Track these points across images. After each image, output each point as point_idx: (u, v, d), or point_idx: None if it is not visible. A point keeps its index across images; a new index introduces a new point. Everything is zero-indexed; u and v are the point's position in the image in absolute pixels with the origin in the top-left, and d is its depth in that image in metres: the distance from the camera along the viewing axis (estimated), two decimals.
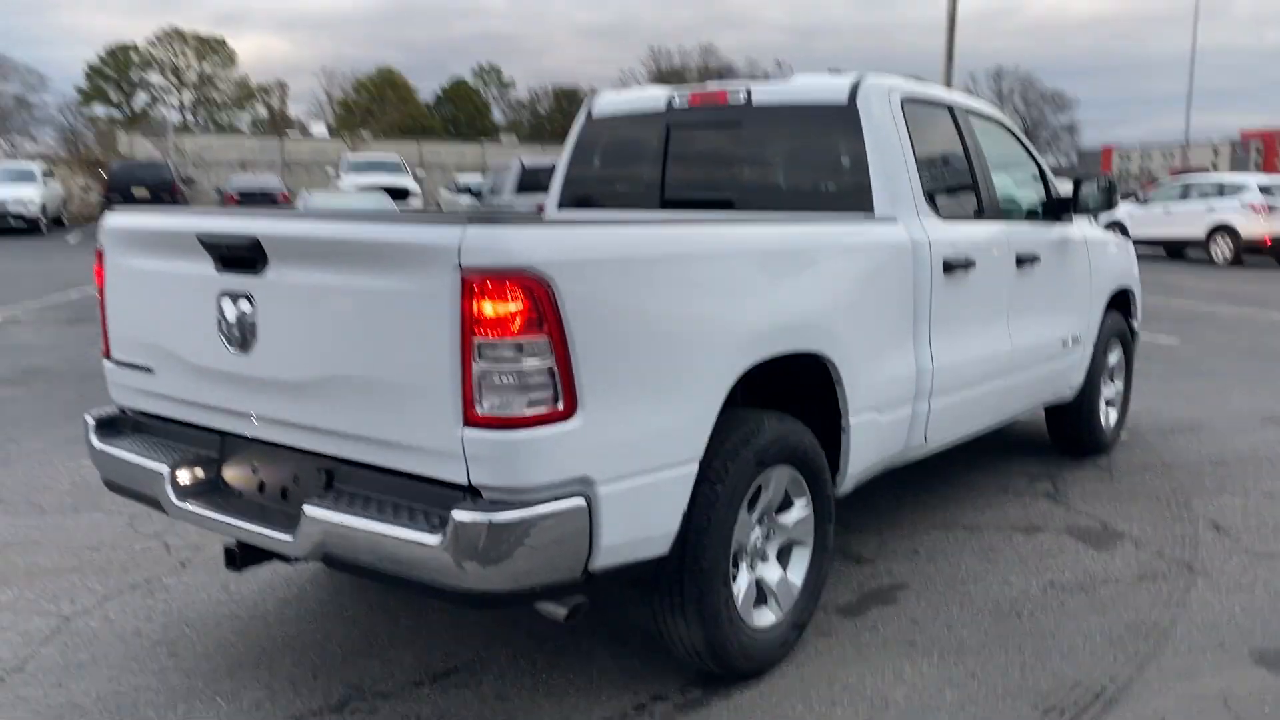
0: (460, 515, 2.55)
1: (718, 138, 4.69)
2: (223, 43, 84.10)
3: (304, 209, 16.32)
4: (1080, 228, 5.66)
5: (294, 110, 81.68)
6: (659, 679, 3.37)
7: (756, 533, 3.45)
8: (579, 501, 2.68)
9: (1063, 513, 5.13)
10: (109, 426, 3.57)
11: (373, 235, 2.70)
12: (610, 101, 5.06)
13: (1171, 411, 7.42)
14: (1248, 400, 7.86)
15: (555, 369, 2.60)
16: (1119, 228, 23.31)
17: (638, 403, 2.82)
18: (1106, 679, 3.42)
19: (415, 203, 26.15)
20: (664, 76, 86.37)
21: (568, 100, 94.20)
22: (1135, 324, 6.50)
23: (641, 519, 2.89)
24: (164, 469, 3.21)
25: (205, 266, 3.06)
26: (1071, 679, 3.42)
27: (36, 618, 3.84)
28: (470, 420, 2.57)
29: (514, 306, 2.54)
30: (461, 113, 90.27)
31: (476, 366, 2.54)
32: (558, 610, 2.87)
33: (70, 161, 32.77)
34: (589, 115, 5.07)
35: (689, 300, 2.95)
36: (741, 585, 3.34)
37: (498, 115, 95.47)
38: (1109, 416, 6.24)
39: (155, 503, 3.26)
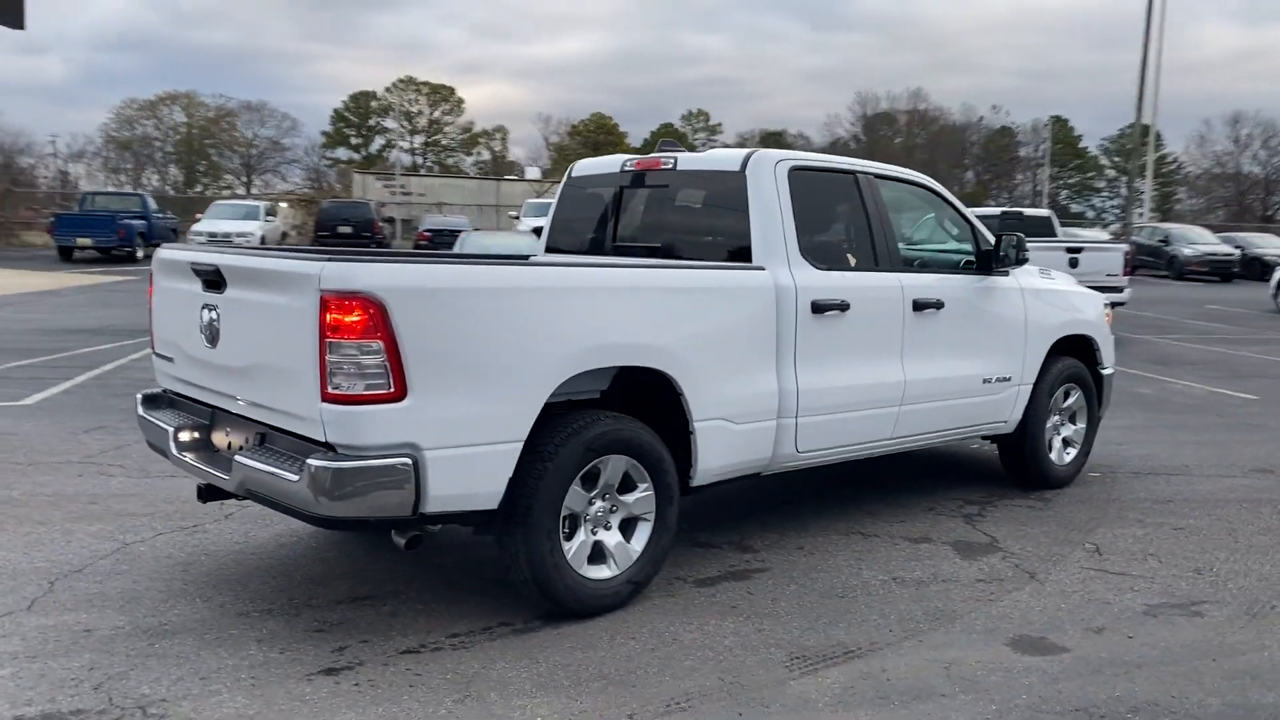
0: (313, 462, 3.70)
1: (653, 196, 5.71)
2: (452, 90, 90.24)
3: (464, 244, 18.15)
4: (1019, 279, 6.31)
5: (515, 154, 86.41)
6: (512, 611, 4.39)
7: (599, 505, 4.43)
8: (405, 460, 3.77)
9: (965, 530, 5.79)
10: (151, 401, 4.93)
11: (275, 266, 3.91)
12: (585, 165, 6.17)
13: (1173, 457, 7.76)
14: (1260, 452, 8.05)
15: (387, 364, 3.71)
16: None
17: (461, 393, 3.89)
18: (866, 643, 4.19)
19: None
20: (870, 122, 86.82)
21: (773, 144, 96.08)
22: (1103, 370, 7.00)
23: (466, 479, 3.94)
24: (170, 429, 4.52)
25: (196, 286, 4.36)
26: (838, 641, 4.21)
27: (108, 542, 5.23)
28: (326, 397, 3.71)
29: (355, 318, 3.67)
30: None
31: (329, 359, 3.68)
32: (400, 539, 3.97)
33: (294, 199, 36.66)
34: (569, 176, 6.19)
35: (503, 322, 3.99)
36: (576, 543, 4.33)
37: None
38: (1063, 453, 6.78)
39: (165, 454, 4.58)
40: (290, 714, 3.48)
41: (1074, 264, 16.16)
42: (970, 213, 6.25)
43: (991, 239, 6.23)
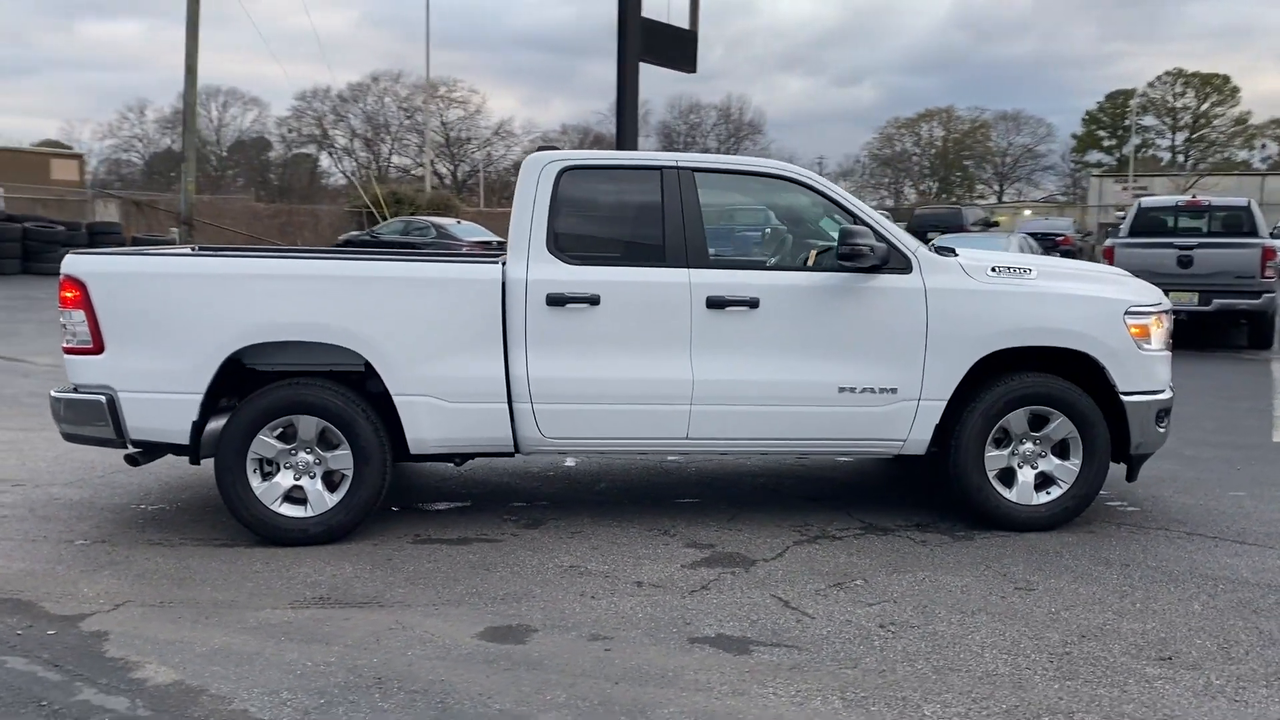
0: (51, 393, 5.36)
1: None
2: (1226, 79, 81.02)
3: None
4: (927, 278, 5.47)
5: None
6: (240, 533, 5.52)
7: (303, 457, 5.37)
8: (101, 398, 5.23)
9: (765, 549, 5.31)
10: None
11: None
12: None
13: None
14: None
15: (89, 328, 5.22)
16: None
17: (146, 352, 5.21)
18: (380, 600, 4.58)
19: None
20: None
21: None
22: (1126, 395, 5.55)
23: (154, 418, 5.26)
24: None
25: None
26: (370, 595, 4.65)
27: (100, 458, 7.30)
28: (64, 350, 5.34)
29: (71, 294, 5.24)
30: None
31: (61, 322, 5.31)
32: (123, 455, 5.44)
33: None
34: None
35: (176, 300, 5.19)
36: (268, 483, 5.33)
37: None
38: (1035, 492, 5.60)
39: None
40: (11, 558, 5.17)
41: None
42: (864, 209, 5.59)
43: (902, 239, 5.55)
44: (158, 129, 67.72)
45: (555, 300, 5.33)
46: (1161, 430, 5.73)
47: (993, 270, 5.60)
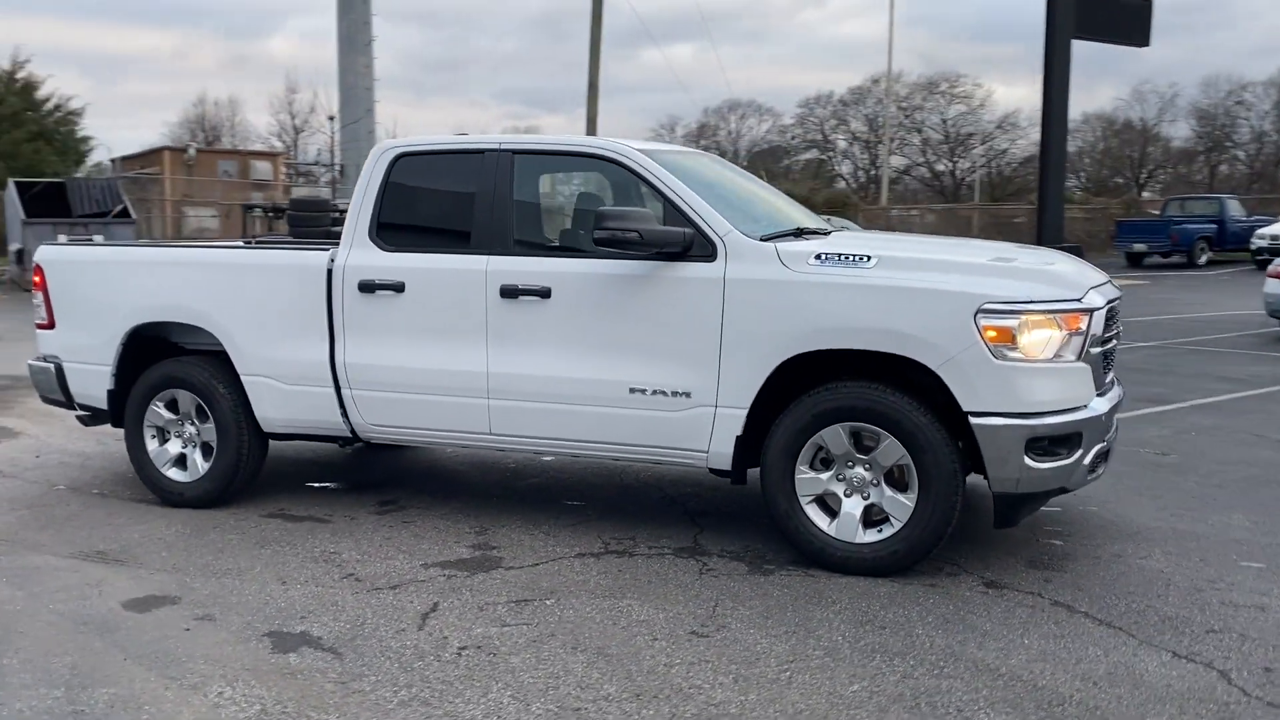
0: (28, 361, 6.43)
1: None
2: None
3: None
4: (735, 267, 4.72)
5: None
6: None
7: (190, 428, 5.94)
8: (51, 366, 6.20)
9: (537, 555, 4.93)
10: None
11: None
12: None
13: None
14: None
15: (46, 307, 6.21)
16: None
17: (78, 329, 6.09)
18: (126, 557, 4.97)
19: None
20: None
21: None
22: (978, 417, 4.36)
23: (84, 385, 6.12)
24: None
25: None
26: (129, 557, 5.07)
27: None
28: (36, 325, 6.38)
29: (37, 279, 6.26)
30: None
31: (33, 302, 6.34)
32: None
33: None
34: None
35: (94, 284, 5.98)
36: (161, 449, 5.96)
37: None
38: (860, 528, 4.60)
39: None
40: None
41: None
42: (678, 188, 4.92)
43: (711, 223, 4.86)
44: (684, 142, 73.33)
45: (366, 287, 5.37)
46: (1043, 466, 4.39)
47: (816, 259, 4.67)
